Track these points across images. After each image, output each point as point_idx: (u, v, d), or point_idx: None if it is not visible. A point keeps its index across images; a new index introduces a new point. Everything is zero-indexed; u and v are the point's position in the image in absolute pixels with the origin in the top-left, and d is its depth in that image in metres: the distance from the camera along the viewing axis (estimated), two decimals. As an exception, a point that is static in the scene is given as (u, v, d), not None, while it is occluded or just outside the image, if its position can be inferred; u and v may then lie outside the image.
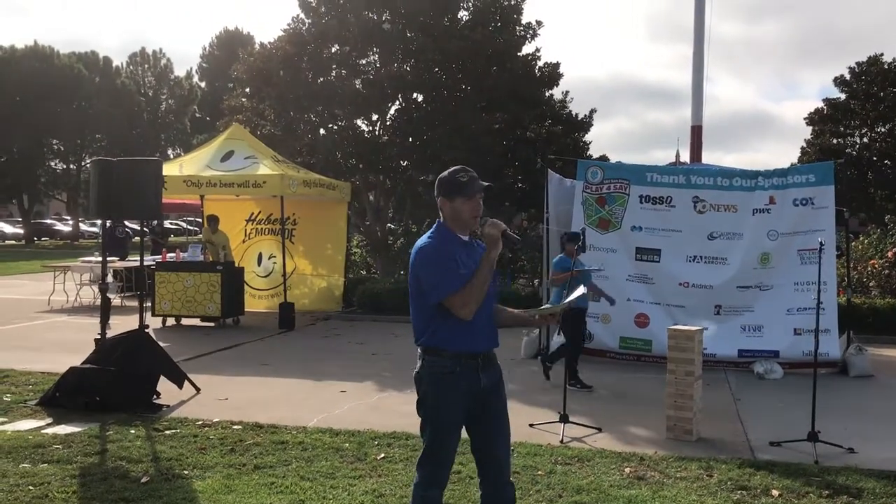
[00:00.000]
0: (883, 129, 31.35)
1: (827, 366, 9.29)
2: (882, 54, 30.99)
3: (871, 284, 14.99)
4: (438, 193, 3.77)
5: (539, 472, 5.57)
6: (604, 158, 34.15)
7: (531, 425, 6.91)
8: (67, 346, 10.29)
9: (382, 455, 5.95)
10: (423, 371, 3.73)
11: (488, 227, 3.65)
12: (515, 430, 6.65)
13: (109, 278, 16.93)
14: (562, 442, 6.45)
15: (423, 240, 3.76)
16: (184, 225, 50.13)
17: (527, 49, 19.18)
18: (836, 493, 5.23)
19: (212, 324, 13.20)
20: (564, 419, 6.79)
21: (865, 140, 32.08)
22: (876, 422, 7.42)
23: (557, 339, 10.31)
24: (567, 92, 25.21)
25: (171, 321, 13.38)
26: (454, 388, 3.65)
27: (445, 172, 3.80)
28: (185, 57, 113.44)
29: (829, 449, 6.18)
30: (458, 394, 3.66)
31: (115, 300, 15.82)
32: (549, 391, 8.43)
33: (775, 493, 5.25)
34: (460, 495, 5.13)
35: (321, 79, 17.61)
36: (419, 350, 3.76)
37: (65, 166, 51.99)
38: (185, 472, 5.52)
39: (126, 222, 19.86)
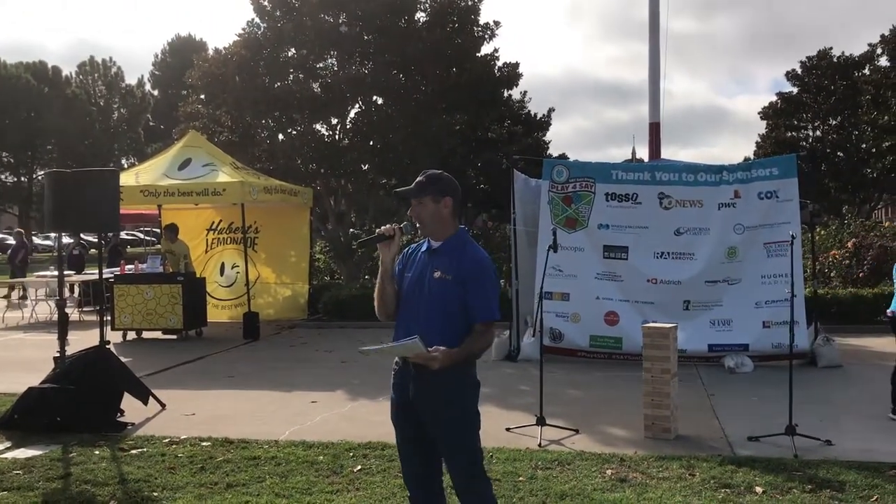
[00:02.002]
0: (835, 122, 31.94)
1: (796, 357, 9.30)
2: (831, 48, 31.58)
3: (832, 275, 15.20)
4: None
5: (520, 479, 5.46)
6: (563, 157, 34.34)
7: (508, 429, 6.81)
8: (25, 365, 9.96)
9: (359, 467, 5.79)
10: None
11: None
12: (492, 435, 6.59)
13: (66, 293, 16.50)
14: (540, 446, 6.35)
15: None
16: (141, 236, 49.25)
17: (485, 49, 19.17)
18: (819, 487, 5.21)
19: (174, 336, 12.90)
20: (541, 422, 6.70)
21: (818, 133, 32.64)
22: (849, 412, 7.45)
23: (528, 340, 10.25)
24: (525, 92, 25.28)
25: (131, 335, 13.05)
26: (393, 391, 3.73)
27: None
28: (137, 65, 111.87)
29: (807, 442, 6.17)
30: (395, 396, 3.72)
31: (73, 315, 15.42)
32: (522, 394, 8.34)
33: (759, 489, 5.20)
34: None
35: (278, 83, 17.37)
36: None
37: (15, 179, 50.80)
38: (155, 494, 5.31)
39: (82, 235, 19.38)
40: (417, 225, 3.72)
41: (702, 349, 9.91)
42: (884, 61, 28.23)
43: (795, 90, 32.81)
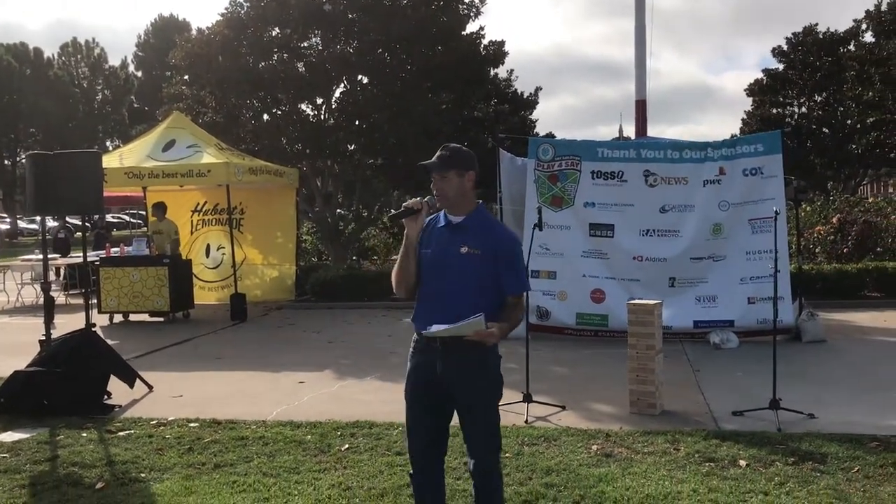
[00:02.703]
0: (820, 98, 31.98)
1: (781, 332, 9.37)
2: (817, 24, 31.56)
3: (817, 251, 15.30)
4: None
5: (507, 455, 5.50)
6: (550, 135, 34.31)
7: (495, 407, 6.83)
8: (10, 349, 9.92)
9: (346, 446, 5.82)
10: None
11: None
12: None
13: (52, 276, 16.43)
14: (527, 422, 6.40)
15: None
16: (127, 218, 48.97)
17: (471, 28, 18.98)
18: (802, 460, 5.27)
19: (161, 319, 12.88)
20: (528, 399, 6.75)
21: (804, 109, 32.69)
22: (831, 386, 7.52)
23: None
24: (512, 70, 25.20)
25: (118, 318, 13.02)
26: (413, 365, 3.74)
27: None
28: (120, 46, 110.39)
29: (790, 416, 6.24)
30: (415, 371, 3.73)
31: (59, 298, 15.36)
32: (509, 371, 8.35)
33: (743, 463, 5.26)
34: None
35: (262, 63, 17.19)
36: None
37: (-2, 162, 50.40)
38: (143, 475, 5.33)
39: (67, 218, 19.28)
40: (436, 199, 3.68)
41: (687, 325, 9.97)
42: (868, 37, 28.27)
43: (781, 67, 32.82)
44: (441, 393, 3.66)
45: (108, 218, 42.63)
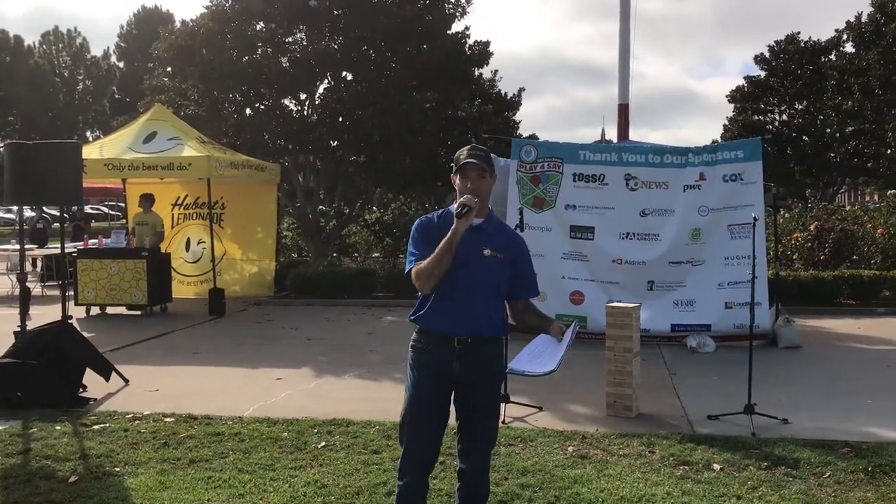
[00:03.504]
0: (801, 107, 32.30)
1: (757, 338, 9.46)
2: (799, 33, 31.87)
3: (794, 257, 15.44)
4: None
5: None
6: (533, 137, 34.39)
7: (472, 407, 6.85)
8: (-16, 340, 9.80)
9: (323, 443, 5.81)
10: (409, 346, 3.73)
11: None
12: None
13: (28, 267, 16.26)
14: (504, 423, 6.40)
15: None
16: (106, 210, 48.54)
17: (456, 27, 19.05)
18: (775, 465, 5.32)
19: (138, 312, 12.79)
20: (506, 399, 6.76)
21: (785, 117, 33.00)
22: (806, 391, 7.60)
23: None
24: (496, 71, 25.30)
25: (95, 310, 12.91)
26: (424, 367, 3.64)
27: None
28: (102, 36, 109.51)
29: (765, 420, 6.30)
30: (426, 374, 3.63)
31: (36, 290, 15.21)
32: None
33: (717, 466, 5.31)
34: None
35: (246, 57, 17.11)
36: None
37: (-25, 150, 49.74)
38: (117, 469, 5.29)
39: (45, 208, 19.09)
40: (471, 199, 3.51)
41: (665, 329, 10.03)
42: (849, 48, 28.57)
43: (763, 74, 33.11)
44: (450, 394, 3.66)
45: (87, 209, 42.26)
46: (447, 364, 3.60)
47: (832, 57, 30.26)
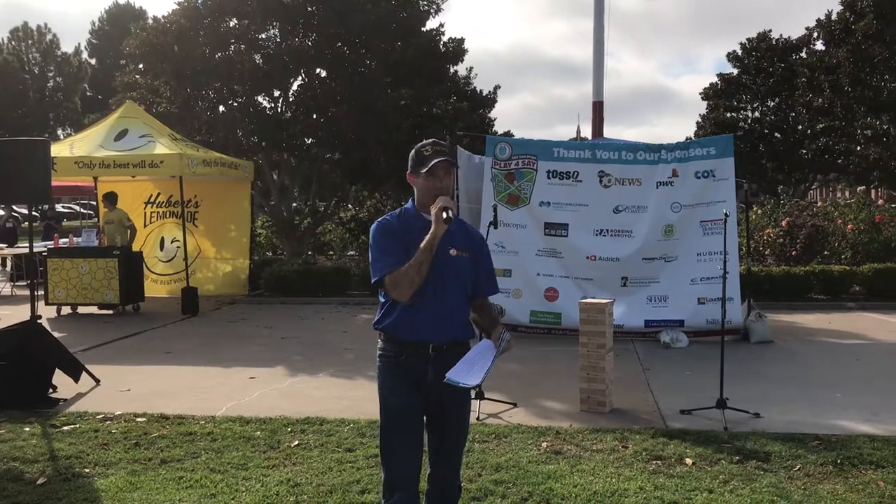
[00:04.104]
0: (773, 104, 32.59)
1: (730, 333, 9.55)
2: (770, 31, 32.14)
3: (766, 253, 15.59)
4: (408, 168, 3.49)
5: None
6: (509, 134, 34.41)
7: (447, 404, 6.84)
8: (-48, 341, 9.63)
9: (296, 442, 5.78)
10: (377, 354, 3.50)
11: (433, 204, 3.34)
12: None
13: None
14: (478, 419, 6.41)
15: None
16: (77, 208, 47.94)
17: (431, 24, 19.04)
18: (746, 458, 5.37)
19: (110, 312, 12.66)
20: (480, 396, 6.76)
21: (757, 114, 33.28)
22: (777, 386, 7.67)
23: (470, 317, 10.28)
24: (471, 68, 25.26)
25: (66, 310, 12.76)
26: (398, 376, 3.43)
27: (416, 146, 3.48)
28: (73, 32, 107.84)
29: (737, 415, 6.35)
30: (402, 382, 3.42)
31: (5, 289, 15.00)
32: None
33: (689, 461, 5.34)
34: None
35: (219, 54, 16.98)
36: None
37: (-57, 149, 48.93)
38: (86, 471, 5.23)
39: (14, 207, 18.83)
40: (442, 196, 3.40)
41: (639, 325, 10.09)
42: (819, 45, 28.85)
43: (736, 71, 33.36)
44: (424, 403, 3.47)
45: (59, 208, 41.76)
46: (423, 372, 3.41)
47: (803, 55, 30.53)
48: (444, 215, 3.28)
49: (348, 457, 5.43)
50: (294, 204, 20.09)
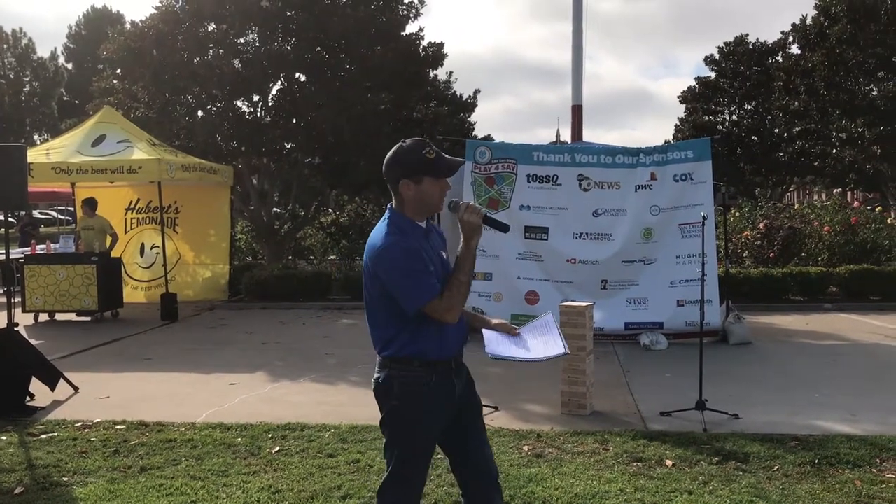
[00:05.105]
0: (750, 107, 32.93)
1: (708, 334, 9.62)
2: (747, 35, 32.50)
3: (744, 255, 15.73)
4: (398, 174, 3.15)
5: (438, 456, 5.47)
6: (489, 138, 34.49)
7: (428, 408, 6.84)
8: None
9: (277, 448, 5.76)
10: (390, 384, 3.17)
11: (467, 213, 3.14)
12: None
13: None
14: (460, 423, 6.41)
15: (378, 237, 3.13)
16: (55, 214, 47.48)
17: (410, 28, 19.03)
18: (725, 459, 5.42)
19: (88, 318, 12.56)
20: (461, 400, 6.76)
21: (734, 117, 33.60)
22: (755, 386, 7.74)
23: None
24: (451, 73, 25.39)
25: (43, 317, 12.65)
26: (434, 402, 3.18)
27: (402, 147, 3.18)
28: (50, 36, 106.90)
29: (716, 416, 6.40)
30: (438, 407, 3.19)
31: (-20, 297, 14.83)
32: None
33: (669, 462, 5.38)
34: None
35: (198, 58, 16.89)
36: (382, 359, 3.21)
37: (-83, 154, 48.34)
38: (65, 479, 5.18)
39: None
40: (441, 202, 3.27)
41: (619, 327, 10.15)
42: (795, 49, 29.20)
43: (713, 75, 33.67)
44: (453, 415, 3.30)
45: (36, 214, 41.34)
46: (452, 389, 3.24)
47: (779, 58, 30.91)
48: (479, 219, 3.15)
49: (330, 462, 5.42)
50: (274, 209, 20.01)
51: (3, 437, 6.12)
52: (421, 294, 3.06)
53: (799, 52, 27.81)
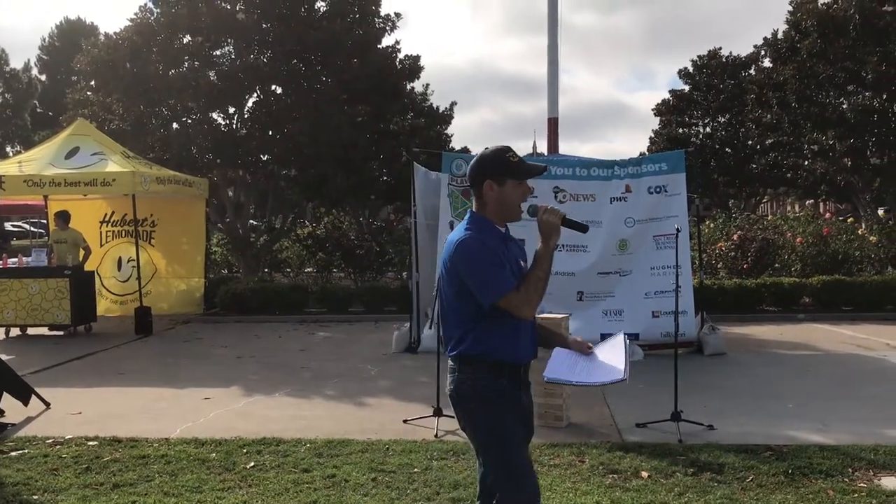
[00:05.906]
0: (723, 119, 33.27)
1: (683, 345, 9.69)
2: (720, 48, 32.89)
3: (718, 266, 15.87)
4: (482, 176, 3.26)
5: (415, 470, 5.50)
6: (465, 150, 34.59)
7: (405, 421, 6.83)
8: None
9: (252, 463, 5.71)
10: (465, 386, 3.22)
11: (546, 214, 3.27)
12: (389, 427, 6.63)
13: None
14: (436, 436, 6.41)
15: (459, 233, 3.23)
16: (28, 227, 46.92)
17: (386, 41, 19.07)
18: (701, 470, 5.44)
19: (61, 332, 12.41)
20: (438, 413, 6.75)
21: (708, 129, 33.94)
22: (730, 397, 7.80)
23: (428, 332, 10.29)
24: (428, 85, 25.49)
25: (15, 331, 12.48)
26: (507, 402, 3.22)
27: (487, 151, 3.31)
28: (22, 47, 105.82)
29: (691, 427, 6.43)
30: (511, 409, 3.23)
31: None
32: (421, 385, 8.39)
33: (645, 474, 5.40)
34: None
35: (173, 71, 16.82)
36: (454, 362, 3.26)
37: None
38: (35, 498, 5.10)
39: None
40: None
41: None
42: (767, 63, 29.55)
43: (687, 88, 34.01)
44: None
45: (8, 227, 40.86)
46: (520, 401, 3.28)
47: (752, 72, 31.26)
48: (558, 220, 3.27)
49: (305, 477, 5.38)
50: (250, 221, 19.92)
51: (-27, 455, 6.02)
52: (498, 286, 3.13)
53: (771, 65, 28.17)
